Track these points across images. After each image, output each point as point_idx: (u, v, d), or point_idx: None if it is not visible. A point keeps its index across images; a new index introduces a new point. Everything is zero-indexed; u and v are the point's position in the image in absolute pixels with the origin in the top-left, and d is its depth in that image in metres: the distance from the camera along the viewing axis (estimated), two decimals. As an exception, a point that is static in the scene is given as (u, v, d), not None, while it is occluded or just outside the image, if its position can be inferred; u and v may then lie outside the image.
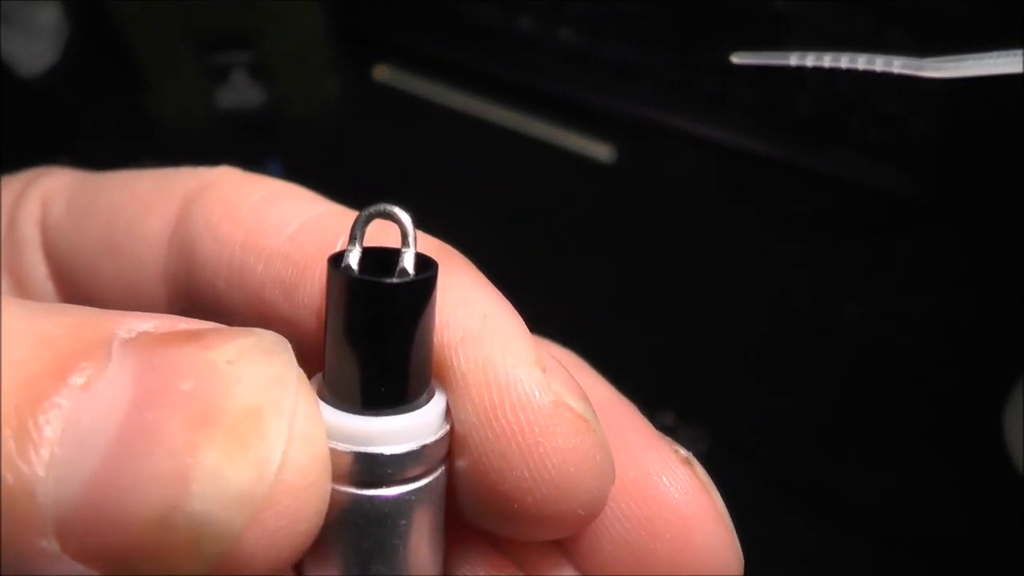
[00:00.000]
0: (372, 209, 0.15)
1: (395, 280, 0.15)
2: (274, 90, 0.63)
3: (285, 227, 0.18)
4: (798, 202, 0.62)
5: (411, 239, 0.15)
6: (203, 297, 0.19)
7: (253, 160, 0.22)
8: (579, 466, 0.17)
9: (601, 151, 0.63)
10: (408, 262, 0.15)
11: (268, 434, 0.13)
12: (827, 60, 0.21)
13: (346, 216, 0.19)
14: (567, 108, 0.64)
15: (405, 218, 0.16)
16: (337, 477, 0.15)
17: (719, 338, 0.59)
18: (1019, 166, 0.62)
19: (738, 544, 0.19)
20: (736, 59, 0.22)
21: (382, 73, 0.66)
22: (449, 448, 0.17)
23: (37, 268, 0.21)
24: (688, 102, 0.63)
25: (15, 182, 0.22)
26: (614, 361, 0.20)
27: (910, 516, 0.53)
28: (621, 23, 0.65)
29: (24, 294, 0.22)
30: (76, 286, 0.21)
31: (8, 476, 0.13)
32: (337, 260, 0.15)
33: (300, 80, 0.63)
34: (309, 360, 0.18)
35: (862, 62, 0.21)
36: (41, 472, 0.13)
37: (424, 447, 0.16)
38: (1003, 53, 0.20)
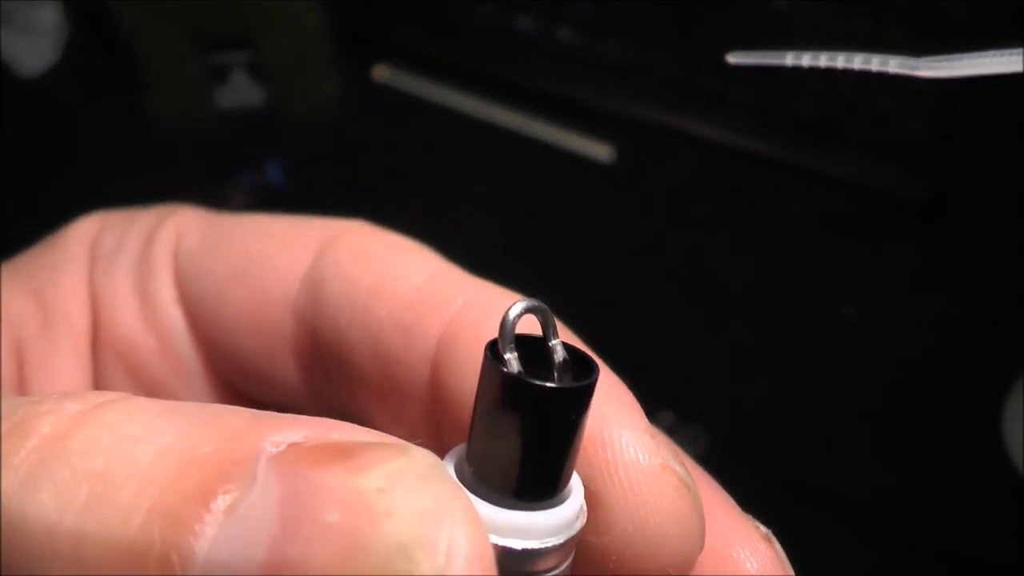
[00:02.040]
0: (522, 307, 0.16)
1: (564, 386, 0.16)
2: (274, 90, 0.63)
3: (410, 278, 0.20)
4: (798, 202, 0.62)
5: (555, 330, 0.16)
6: (325, 332, 0.20)
7: (253, 160, 0.22)
8: (677, 527, 0.18)
9: (601, 151, 0.63)
10: (559, 355, 0.16)
11: (415, 571, 0.13)
12: (823, 60, 0.21)
13: (466, 276, 0.20)
14: (567, 108, 0.64)
15: (548, 312, 0.16)
16: None
17: (719, 338, 0.59)
18: (1018, 166, 0.62)
19: None
20: (732, 59, 0.22)
21: (382, 73, 0.66)
22: None
23: (166, 292, 0.23)
24: (688, 102, 0.63)
25: (148, 215, 0.24)
26: (614, 361, 0.20)
27: (910, 515, 0.53)
28: (621, 23, 0.65)
29: (150, 314, 0.23)
30: (202, 311, 0.22)
31: None
32: (493, 351, 0.16)
33: (300, 80, 0.63)
34: (412, 402, 0.19)
35: (858, 62, 0.21)
36: None
37: (571, 538, 0.16)
38: (1002, 53, 0.20)
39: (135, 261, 0.23)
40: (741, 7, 0.65)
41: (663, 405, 0.54)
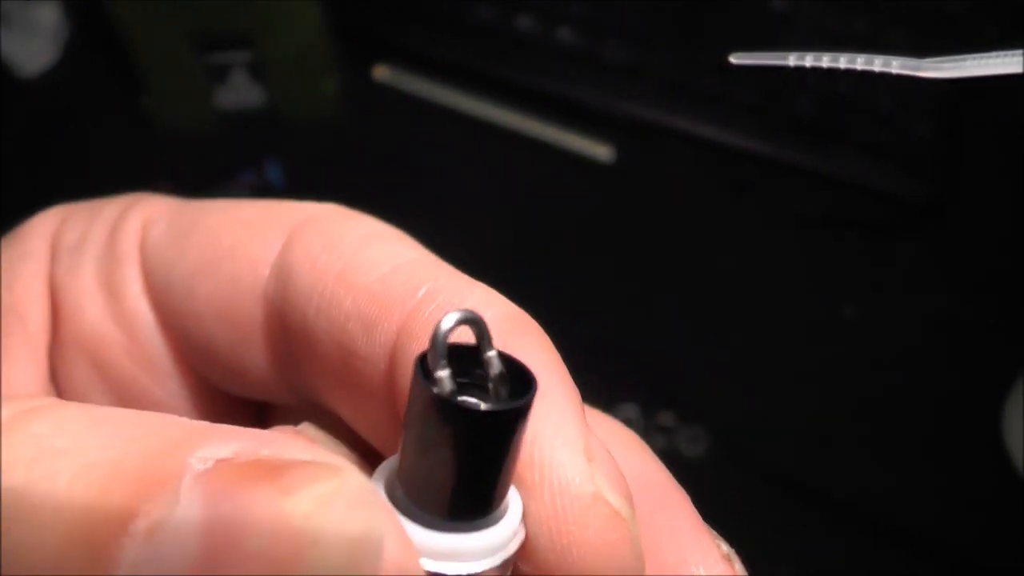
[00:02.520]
0: (454, 319, 0.15)
1: (496, 408, 0.15)
2: (274, 90, 0.63)
3: (377, 267, 0.19)
4: (798, 202, 0.62)
5: (490, 341, 0.15)
6: (295, 322, 0.20)
7: (253, 160, 0.22)
8: (606, 562, 0.16)
9: (601, 151, 0.63)
10: (495, 368, 0.15)
11: None
12: (826, 60, 0.21)
13: (436, 265, 0.19)
14: (567, 108, 0.64)
15: (482, 323, 0.15)
16: None
17: (719, 338, 0.59)
18: (1019, 166, 0.62)
19: None
20: (734, 60, 0.22)
21: (382, 73, 0.66)
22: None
23: (133, 284, 0.22)
24: (688, 102, 0.63)
25: (113, 205, 0.23)
26: (614, 361, 0.20)
27: (909, 515, 0.53)
28: (621, 23, 0.65)
29: (117, 309, 0.22)
30: (170, 303, 0.21)
31: None
32: (423, 366, 0.15)
33: (300, 80, 0.63)
34: (372, 400, 0.18)
35: (861, 62, 0.21)
36: None
37: (508, 559, 0.16)
38: (1003, 53, 0.20)
39: (100, 254, 0.22)
40: (741, 7, 0.65)
41: (663, 405, 0.54)
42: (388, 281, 0.19)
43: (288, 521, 0.12)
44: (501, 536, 0.16)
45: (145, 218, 0.22)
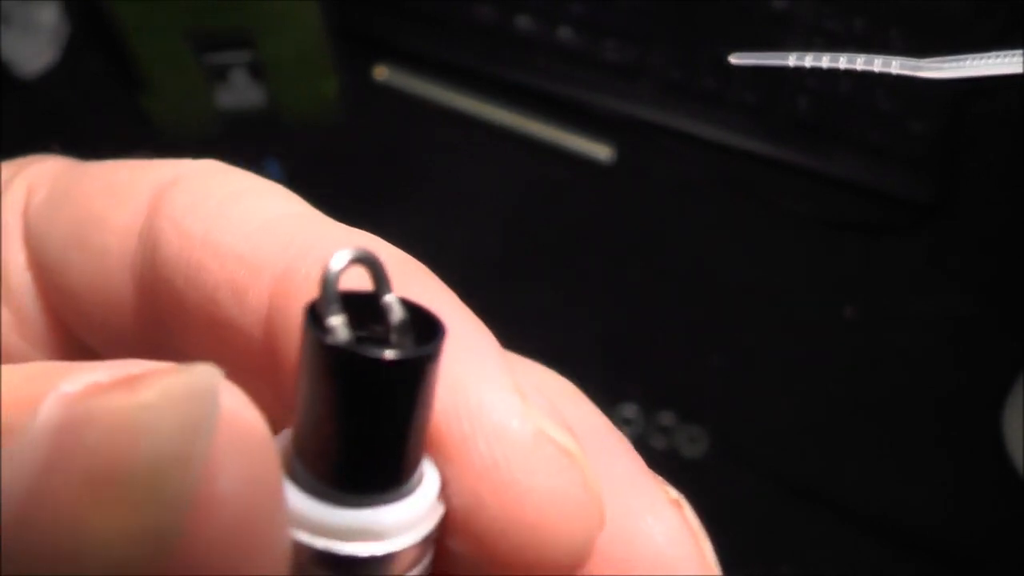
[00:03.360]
0: (346, 258, 0.13)
1: (401, 356, 0.13)
2: (274, 90, 0.63)
3: (245, 225, 0.17)
4: (798, 202, 0.62)
5: (388, 284, 0.13)
6: (165, 297, 0.18)
7: (253, 160, 0.22)
8: (562, 508, 0.15)
9: (600, 151, 0.63)
10: (396, 315, 0.13)
11: (165, 494, 0.11)
12: (826, 60, 0.21)
13: (314, 219, 0.17)
14: (567, 108, 0.64)
15: (378, 263, 0.13)
16: None
17: (719, 338, 0.59)
18: (1019, 166, 0.62)
19: None
20: (734, 60, 0.22)
21: (382, 73, 0.66)
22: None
23: (16, 257, 0.20)
24: (688, 102, 0.63)
25: (7, 169, 0.21)
26: (614, 361, 0.20)
27: (909, 515, 0.53)
28: (621, 23, 0.65)
29: (3, 283, 0.20)
30: (48, 276, 0.20)
31: None
32: (314, 315, 0.13)
33: (300, 80, 0.63)
34: (255, 379, 0.16)
35: (861, 62, 0.21)
36: None
37: (427, 536, 0.14)
38: (1003, 53, 0.20)
39: None
40: (741, 7, 0.65)
41: (663, 405, 0.54)
42: (256, 240, 0.17)
43: (127, 413, 0.12)
44: (417, 509, 0.14)
45: (30, 183, 0.21)
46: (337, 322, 0.13)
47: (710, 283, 0.60)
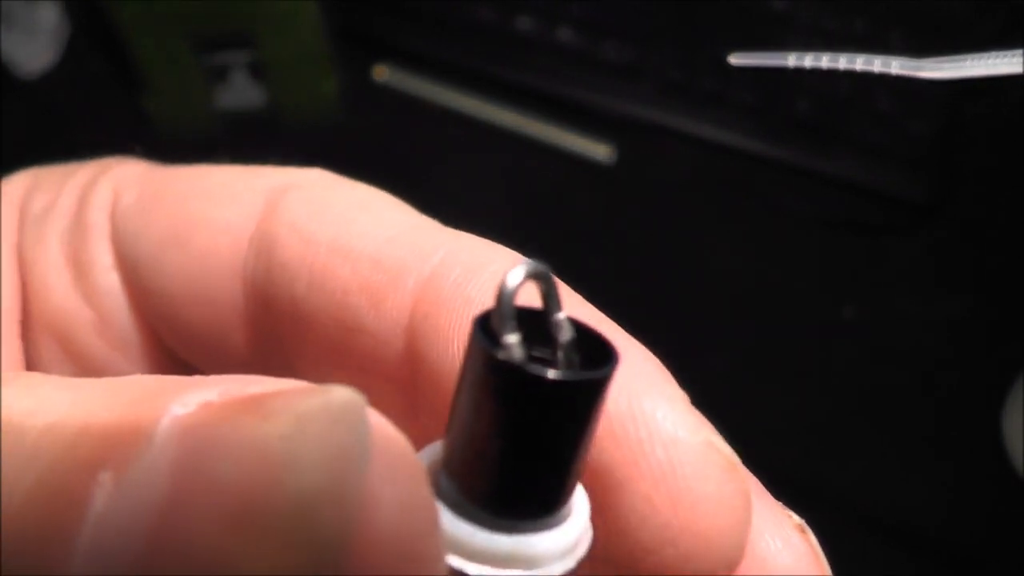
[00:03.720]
0: (523, 272, 0.12)
1: (576, 378, 0.12)
2: (274, 90, 0.63)
3: (378, 233, 0.17)
4: (798, 202, 0.62)
5: (559, 303, 0.13)
6: (280, 300, 0.17)
7: (253, 160, 0.21)
8: (728, 517, 0.15)
9: (601, 151, 0.63)
10: (566, 334, 0.13)
11: (320, 532, 0.10)
12: (826, 60, 0.21)
13: (446, 230, 0.17)
14: (567, 108, 0.64)
15: (552, 280, 0.13)
16: None
17: (719, 338, 0.59)
18: (1019, 166, 0.62)
19: None
20: (734, 60, 0.22)
21: (382, 73, 0.66)
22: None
23: (102, 257, 0.20)
24: (688, 102, 0.63)
25: (85, 170, 0.21)
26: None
27: (909, 515, 0.53)
28: (621, 23, 0.65)
29: (85, 284, 0.20)
30: (140, 278, 0.19)
31: None
32: (484, 329, 0.12)
33: (300, 80, 0.63)
34: (388, 389, 0.16)
35: (861, 62, 0.21)
36: None
37: (576, 566, 0.13)
38: (1003, 53, 0.20)
39: (68, 225, 0.20)
40: (741, 7, 0.65)
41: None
42: (394, 246, 0.16)
43: (264, 445, 0.10)
44: (571, 535, 0.13)
45: (116, 185, 0.20)
46: (513, 340, 0.12)
47: (710, 283, 0.60)
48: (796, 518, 0.17)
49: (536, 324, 0.13)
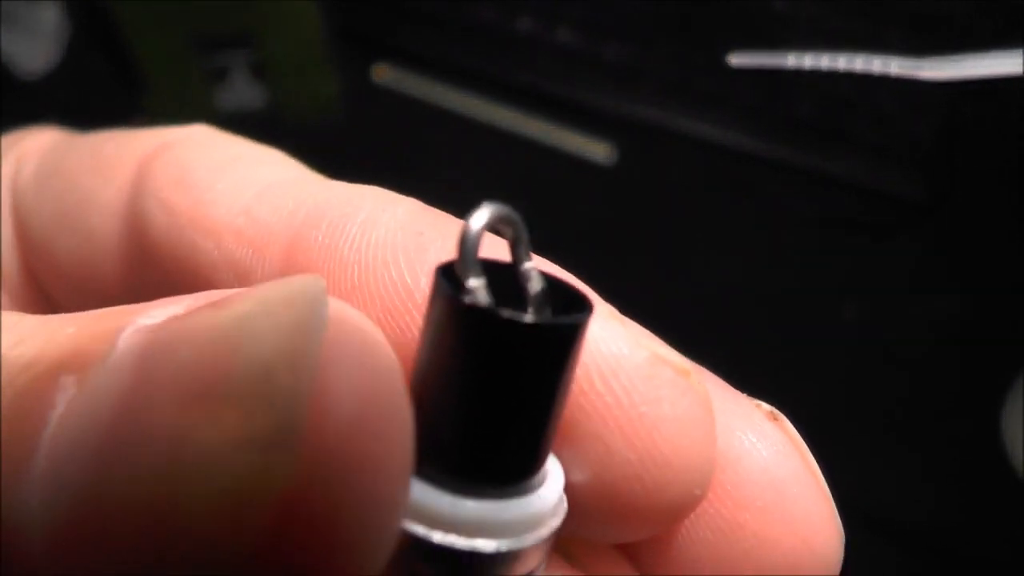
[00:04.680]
0: (487, 215, 0.12)
1: (552, 321, 0.11)
2: (274, 90, 0.63)
3: (239, 197, 0.15)
4: (798, 202, 0.62)
5: (528, 251, 0.12)
6: (154, 279, 0.16)
7: None
8: (691, 434, 0.13)
9: (601, 152, 0.63)
10: (536, 284, 0.12)
11: (277, 396, 0.10)
12: (826, 60, 0.21)
13: (315, 181, 0.16)
14: (567, 108, 0.64)
15: (521, 226, 0.12)
16: (411, 571, 0.12)
17: (719, 338, 0.59)
18: (1019, 166, 0.62)
19: (837, 514, 0.16)
20: (734, 60, 0.22)
21: (382, 73, 0.66)
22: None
23: (7, 235, 0.19)
24: (688, 102, 0.63)
25: (6, 141, 0.20)
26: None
27: (909, 515, 0.53)
28: (621, 23, 0.65)
29: None
30: (37, 257, 0.18)
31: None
32: (448, 277, 0.11)
33: (300, 80, 0.63)
34: None
35: (861, 62, 0.21)
36: (28, 498, 0.10)
37: (554, 532, 0.12)
38: (1003, 53, 0.20)
39: None
40: (741, 7, 0.65)
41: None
42: (254, 213, 0.15)
43: (223, 326, 0.10)
44: (544, 505, 0.12)
45: (19, 157, 0.19)
46: (478, 284, 0.11)
47: (710, 283, 0.60)
48: (766, 406, 0.16)
49: (502, 277, 0.12)
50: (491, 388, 0.11)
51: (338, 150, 0.64)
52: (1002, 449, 0.54)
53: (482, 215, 0.12)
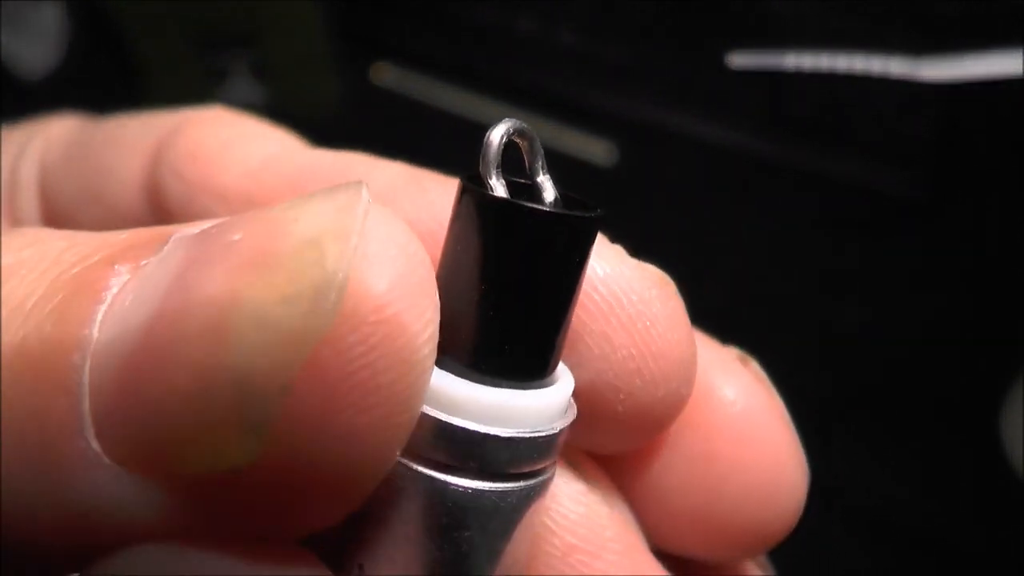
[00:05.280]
0: (506, 127, 0.13)
1: (570, 213, 0.12)
2: (274, 90, 0.63)
3: (246, 166, 0.17)
4: (798, 202, 0.62)
5: (544, 163, 0.13)
6: None
7: None
8: (679, 331, 0.15)
9: (601, 152, 0.63)
10: (550, 194, 0.13)
11: (325, 260, 0.11)
12: (824, 62, 0.21)
13: (311, 152, 0.18)
14: (567, 108, 0.64)
15: (535, 140, 0.13)
16: (429, 456, 0.12)
17: (719, 338, 0.59)
18: (1018, 166, 0.62)
19: (800, 446, 0.17)
20: (734, 60, 0.22)
21: (382, 73, 0.66)
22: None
23: (31, 210, 0.20)
24: (688, 102, 0.63)
25: (24, 129, 0.22)
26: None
27: (908, 515, 0.53)
28: (621, 23, 0.65)
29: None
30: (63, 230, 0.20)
31: (48, 372, 0.11)
32: (472, 180, 0.12)
33: (300, 80, 0.63)
34: None
35: (860, 63, 0.21)
36: (78, 361, 0.11)
37: (561, 431, 0.13)
38: (1002, 54, 0.20)
39: (7, 179, 0.21)
40: (741, 7, 0.65)
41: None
42: (260, 177, 0.17)
43: (271, 214, 0.12)
44: (557, 399, 0.13)
45: (47, 140, 0.21)
46: (499, 184, 0.12)
47: (709, 283, 0.60)
48: (736, 350, 0.18)
49: (520, 188, 0.13)
50: (512, 278, 0.12)
51: (337, 150, 0.64)
52: (1002, 449, 0.54)
53: (501, 127, 0.12)
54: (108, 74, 0.65)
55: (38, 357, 0.11)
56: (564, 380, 0.13)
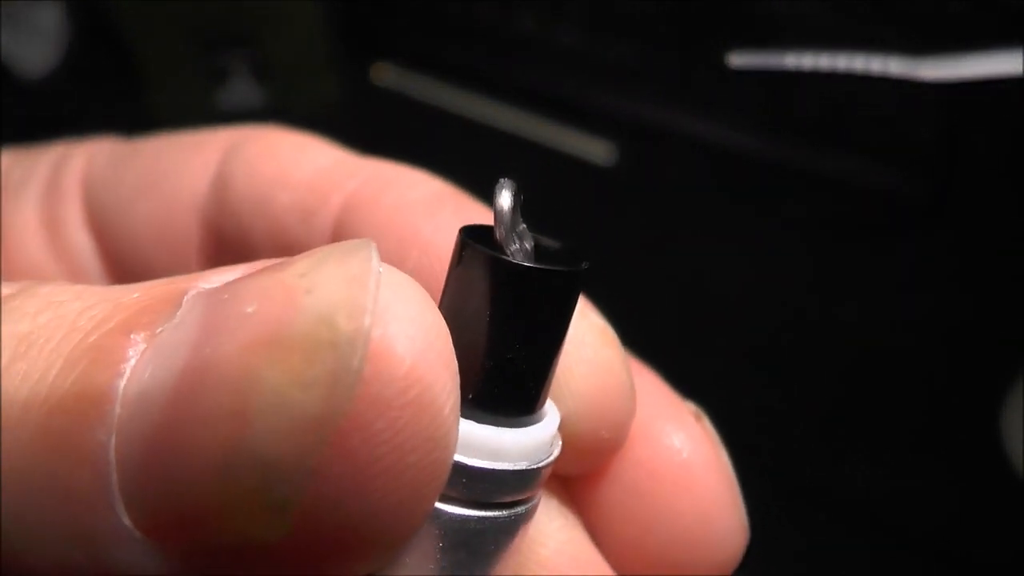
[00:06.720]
0: (511, 193, 0.14)
1: (563, 268, 0.13)
2: (274, 90, 0.63)
3: (315, 163, 0.20)
4: (798, 203, 0.62)
5: (519, 216, 0.14)
6: (230, 229, 0.20)
7: None
8: (606, 380, 0.16)
9: (601, 152, 0.63)
10: (529, 242, 0.14)
11: (339, 340, 0.11)
12: (825, 60, 0.21)
13: (367, 161, 0.20)
14: (567, 109, 0.64)
15: (520, 194, 0.14)
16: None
17: (719, 338, 0.59)
18: (1019, 166, 0.62)
19: (740, 500, 0.19)
20: (734, 60, 0.22)
21: (382, 73, 0.66)
22: None
23: (73, 218, 0.22)
24: (688, 102, 0.63)
25: (58, 146, 0.23)
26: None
27: (908, 516, 0.53)
28: (621, 23, 0.65)
29: (57, 243, 0.22)
30: (109, 228, 0.21)
31: (74, 449, 0.11)
32: (469, 234, 0.13)
33: (300, 80, 0.63)
34: None
35: (861, 62, 0.21)
36: (103, 437, 0.11)
37: (550, 463, 0.14)
38: (1003, 53, 0.20)
39: (44, 190, 0.22)
40: (741, 7, 0.65)
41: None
42: (324, 174, 0.19)
43: (282, 283, 0.12)
44: (546, 435, 0.14)
45: (90, 152, 0.23)
46: (516, 247, 0.13)
47: (709, 283, 0.60)
48: (692, 405, 0.19)
49: (488, 237, 0.14)
50: (520, 329, 0.13)
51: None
52: (1002, 449, 0.54)
53: (507, 192, 0.14)
54: (108, 74, 0.65)
55: (63, 436, 0.11)
56: (551, 416, 0.15)
